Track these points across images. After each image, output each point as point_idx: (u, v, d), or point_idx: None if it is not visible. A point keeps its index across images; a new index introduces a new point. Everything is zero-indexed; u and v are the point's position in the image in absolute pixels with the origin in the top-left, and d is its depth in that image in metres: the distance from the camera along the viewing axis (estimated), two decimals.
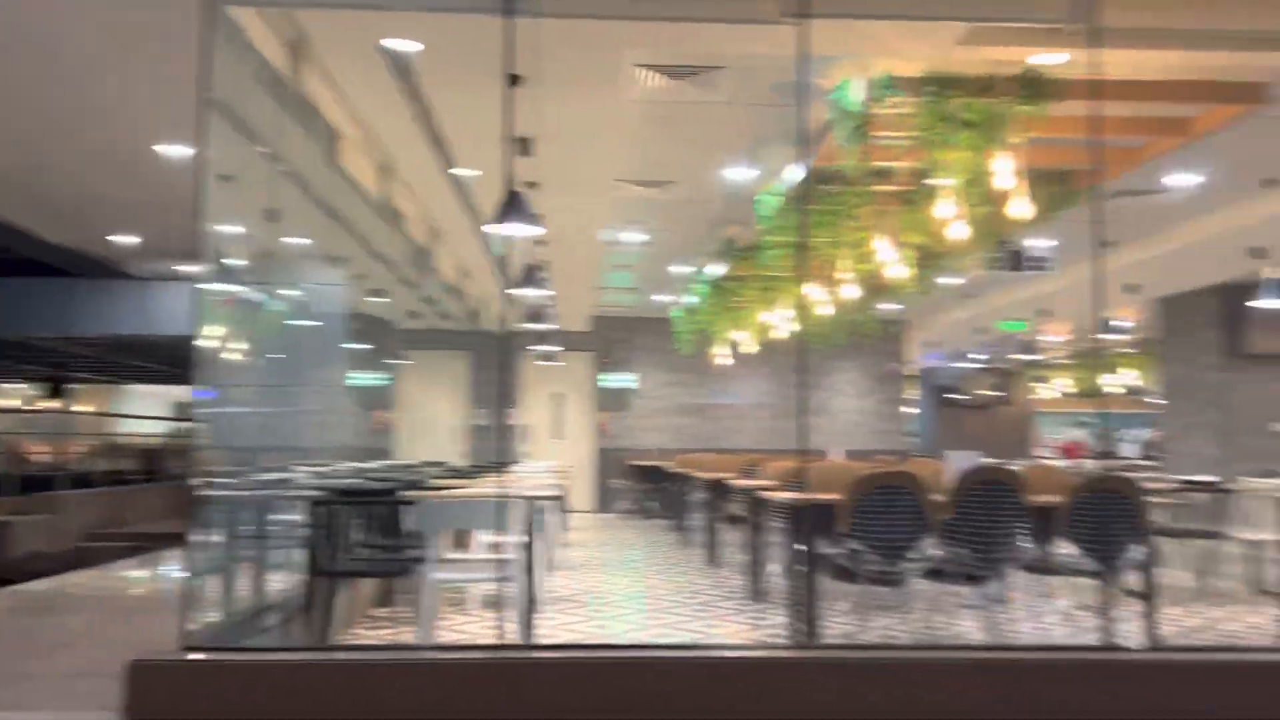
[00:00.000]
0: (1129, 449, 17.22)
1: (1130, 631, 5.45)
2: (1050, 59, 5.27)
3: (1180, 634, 5.86)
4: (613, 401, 15.61)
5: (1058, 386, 18.37)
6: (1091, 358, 16.47)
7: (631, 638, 5.89)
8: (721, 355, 12.45)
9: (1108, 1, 4.52)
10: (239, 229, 4.92)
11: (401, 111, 6.18)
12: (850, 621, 5.78)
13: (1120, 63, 5.13)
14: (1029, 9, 4.67)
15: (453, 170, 7.48)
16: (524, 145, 6.41)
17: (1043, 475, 5.81)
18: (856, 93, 5.50)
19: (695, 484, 9.49)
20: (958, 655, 5.09)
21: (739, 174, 7.71)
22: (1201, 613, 6.62)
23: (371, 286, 10.81)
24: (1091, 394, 17.56)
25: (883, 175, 6.48)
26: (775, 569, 7.14)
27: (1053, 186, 6.52)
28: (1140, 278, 11.06)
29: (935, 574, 5.11)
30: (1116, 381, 16.63)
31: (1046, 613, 6.23)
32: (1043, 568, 5.38)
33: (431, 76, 5.74)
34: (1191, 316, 12.27)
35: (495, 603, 6.32)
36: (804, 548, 5.27)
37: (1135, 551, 5.20)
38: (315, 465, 6.56)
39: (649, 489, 13.54)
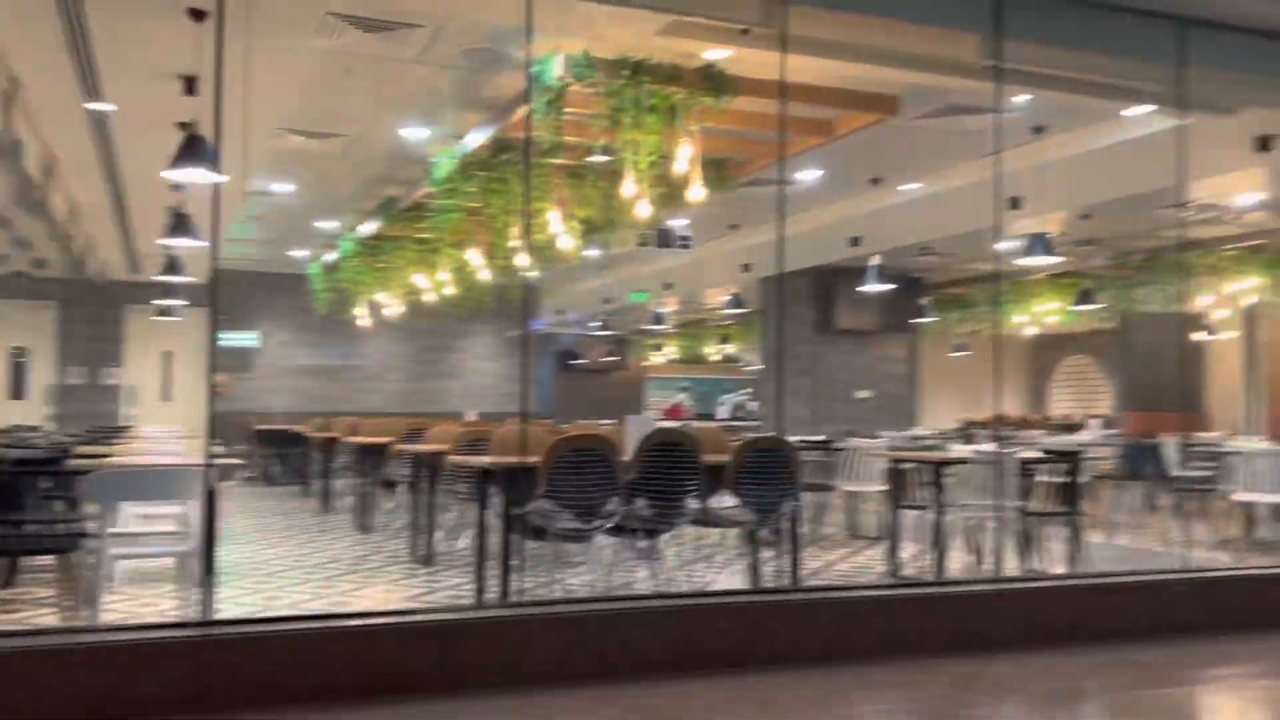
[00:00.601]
0: (723, 411, 19.02)
1: (773, 574, 6.15)
2: (719, 54, 5.74)
3: (808, 574, 6.69)
4: (232, 361, 14.66)
5: (667, 353, 19.83)
6: (700, 327, 17.95)
7: (307, 607, 5.70)
8: (362, 316, 12.13)
9: (791, 11, 5.03)
10: None
11: (45, 31, 5.45)
12: (530, 578, 5.99)
13: (790, 67, 5.71)
14: (728, 9, 5.06)
15: (90, 105, 6.69)
16: (191, 84, 5.90)
17: (709, 436, 6.34)
18: (556, 68, 5.66)
19: (342, 448, 9.23)
20: (632, 605, 5.49)
21: (414, 134, 7.58)
22: (818, 555, 7.58)
23: None
24: (697, 360, 19.14)
25: (568, 149, 6.70)
26: (440, 533, 7.19)
27: (709, 172, 7.11)
28: (753, 258, 12.29)
29: (620, 530, 5.45)
30: (720, 350, 18.29)
31: (705, 561, 6.85)
32: (708, 521, 5.90)
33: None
34: (789, 294, 13.78)
35: (140, 578, 5.83)
36: (499, 509, 5.39)
37: (787, 505, 5.86)
38: None
39: (275, 454, 12.90)
